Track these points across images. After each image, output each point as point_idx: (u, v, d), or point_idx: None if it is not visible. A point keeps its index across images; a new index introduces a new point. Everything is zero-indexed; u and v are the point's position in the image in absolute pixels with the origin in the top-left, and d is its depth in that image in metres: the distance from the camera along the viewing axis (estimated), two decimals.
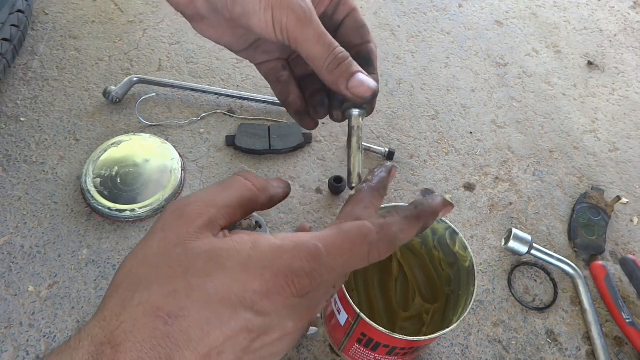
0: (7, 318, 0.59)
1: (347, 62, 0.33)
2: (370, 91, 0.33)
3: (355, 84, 0.32)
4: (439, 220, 0.55)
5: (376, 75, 0.36)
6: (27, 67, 0.85)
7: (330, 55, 0.32)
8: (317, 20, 0.32)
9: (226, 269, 0.25)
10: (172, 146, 0.76)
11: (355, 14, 0.37)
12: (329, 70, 0.33)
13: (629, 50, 1.07)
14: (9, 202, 0.69)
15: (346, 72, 0.32)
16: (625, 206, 0.80)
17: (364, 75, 0.33)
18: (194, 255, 0.25)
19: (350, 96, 0.33)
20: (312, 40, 0.32)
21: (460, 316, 0.48)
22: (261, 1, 0.31)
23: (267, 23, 0.32)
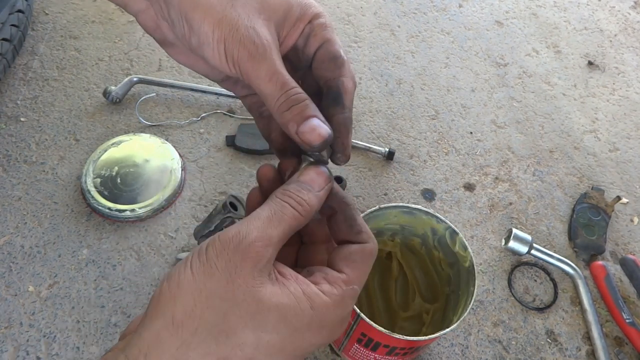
0: (7, 318, 0.59)
1: (301, 104, 0.30)
2: (320, 139, 0.30)
3: (306, 129, 0.29)
4: (439, 220, 0.55)
5: (347, 114, 0.32)
6: (27, 67, 0.85)
7: (282, 96, 0.30)
8: (273, 56, 0.30)
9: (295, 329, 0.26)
10: (172, 146, 0.76)
11: (328, 45, 0.34)
12: (279, 112, 0.30)
13: (629, 50, 1.07)
14: (9, 202, 0.69)
15: (298, 116, 0.30)
16: (625, 206, 0.80)
17: (317, 121, 0.30)
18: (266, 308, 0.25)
19: (299, 141, 0.30)
20: (264, 77, 0.30)
21: (460, 316, 0.48)
22: (214, 33, 0.29)
23: (220, 56, 0.30)
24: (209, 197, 0.73)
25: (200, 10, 0.29)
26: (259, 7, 0.31)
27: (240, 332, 0.24)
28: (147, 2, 0.32)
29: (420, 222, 0.57)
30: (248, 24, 0.30)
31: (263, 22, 0.31)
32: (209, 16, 0.29)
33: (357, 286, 0.28)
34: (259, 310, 0.25)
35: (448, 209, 0.76)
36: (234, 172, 0.76)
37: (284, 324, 0.25)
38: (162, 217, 0.70)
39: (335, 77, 0.33)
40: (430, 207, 0.76)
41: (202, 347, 0.24)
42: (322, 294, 0.27)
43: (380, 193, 0.77)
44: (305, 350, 0.26)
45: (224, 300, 0.24)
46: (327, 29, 0.34)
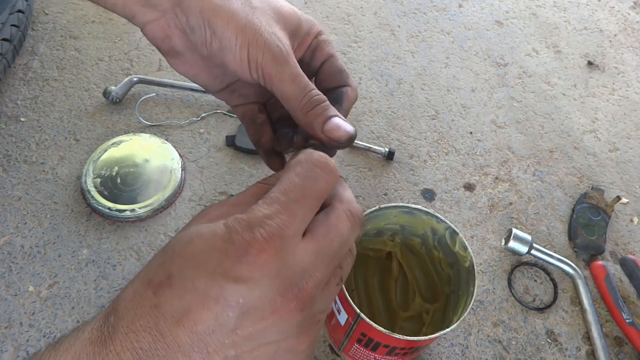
0: (7, 318, 0.60)
1: (323, 104, 0.32)
2: (346, 135, 0.32)
3: (332, 127, 0.32)
4: (439, 220, 0.55)
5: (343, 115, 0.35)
6: (27, 67, 0.85)
7: (305, 97, 0.31)
8: (294, 61, 0.32)
9: (201, 235, 0.25)
10: (172, 146, 0.76)
11: (333, 60, 0.36)
12: (303, 112, 0.32)
13: (629, 50, 1.07)
14: (9, 202, 0.69)
15: (322, 115, 0.32)
16: (625, 206, 0.80)
17: (340, 119, 0.32)
18: (187, 232, 0.26)
19: (325, 139, 0.32)
20: (287, 80, 0.31)
21: (460, 316, 0.48)
22: (237, 38, 0.31)
23: (242, 60, 0.31)
24: (209, 197, 0.73)
25: (223, 16, 0.31)
26: (275, 17, 0.33)
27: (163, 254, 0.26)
28: (158, 12, 0.32)
29: (420, 222, 0.57)
30: (270, 29, 0.31)
31: (281, 30, 0.32)
32: (232, 22, 0.31)
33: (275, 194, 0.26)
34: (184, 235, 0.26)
35: (448, 209, 0.76)
36: (234, 172, 0.76)
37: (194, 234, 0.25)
38: (162, 217, 0.70)
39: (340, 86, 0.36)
40: (430, 207, 0.76)
41: (141, 273, 0.26)
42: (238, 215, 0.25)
43: (380, 193, 0.77)
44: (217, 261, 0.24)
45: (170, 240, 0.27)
46: (330, 45, 0.36)
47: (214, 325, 0.23)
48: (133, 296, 0.24)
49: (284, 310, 0.24)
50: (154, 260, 0.26)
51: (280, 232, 0.24)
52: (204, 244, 0.25)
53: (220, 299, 0.23)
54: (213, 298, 0.23)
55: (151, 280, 0.25)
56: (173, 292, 0.24)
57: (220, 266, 0.24)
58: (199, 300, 0.23)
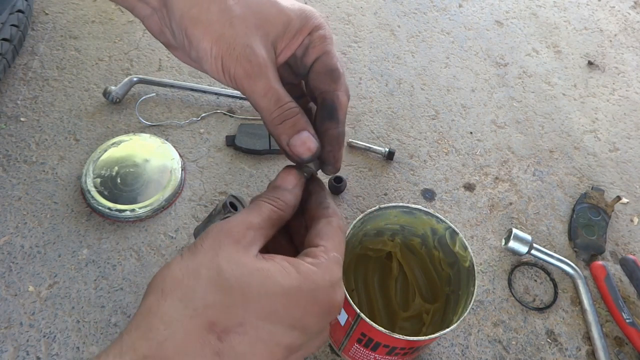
0: (7, 318, 0.60)
1: (293, 118, 0.32)
2: (308, 152, 0.32)
3: (296, 143, 0.32)
4: (439, 220, 0.55)
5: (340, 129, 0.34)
6: (27, 67, 0.85)
7: (276, 110, 0.32)
8: (269, 74, 0.32)
9: (285, 289, 0.26)
10: (172, 146, 0.76)
11: (325, 58, 0.35)
12: (273, 125, 0.32)
13: (629, 50, 1.07)
14: (9, 202, 0.69)
15: (290, 129, 0.32)
16: (625, 206, 0.80)
17: (306, 134, 0.32)
18: (249, 270, 0.26)
19: (289, 153, 0.33)
20: (259, 93, 0.31)
21: (460, 316, 0.48)
22: (212, 49, 0.31)
23: (218, 70, 0.32)
24: (209, 197, 0.73)
25: (200, 26, 0.31)
26: (257, 22, 0.32)
27: (227, 295, 0.24)
28: (150, 8, 0.33)
29: (420, 222, 0.57)
30: (245, 42, 0.31)
31: (260, 39, 0.32)
32: (208, 33, 0.31)
33: (337, 254, 0.29)
34: (244, 274, 0.25)
35: (448, 209, 0.76)
36: (234, 172, 0.76)
37: (271, 285, 0.25)
38: (162, 217, 0.70)
39: (331, 90, 0.35)
40: (430, 207, 0.76)
41: (190, 309, 0.24)
42: (306, 263, 0.28)
43: (380, 193, 0.77)
44: (304, 321, 0.26)
45: (210, 269, 0.25)
46: (326, 41, 0.35)
47: None
48: (187, 341, 0.23)
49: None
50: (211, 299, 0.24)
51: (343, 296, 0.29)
52: (288, 299, 0.26)
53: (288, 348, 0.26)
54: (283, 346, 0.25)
55: (214, 325, 0.23)
56: (242, 342, 0.24)
57: (299, 322, 0.26)
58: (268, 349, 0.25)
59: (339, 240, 0.31)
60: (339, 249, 0.30)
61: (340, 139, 0.35)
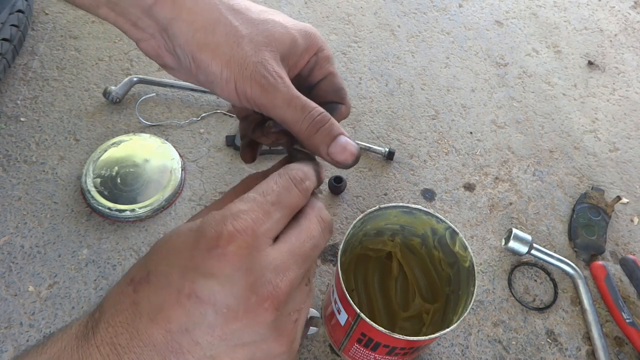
0: (7, 318, 0.59)
1: (327, 125, 0.31)
2: (352, 157, 0.31)
3: (337, 150, 0.31)
4: (439, 220, 0.55)
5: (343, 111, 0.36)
6: (27, 67, 0.85)
7: (306, 119, 0.30)
8: (286, 84, 0.31)
9: (179, 233, 0.26)
10: (172, 146, 0.76)
11: (332, 78, 0.35)
12: (307, 135, 0.31)
13: (629, 50, 1.07)
14: (9, 202, 0.69)
15: (327, 137, 0.31)
16: (625, 206, 0.80)
17: (345, 139, 0.31)
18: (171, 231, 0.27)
19: (330, 162, 0.31)
20: (282, 106, 0.30)
21: (460, 316, 0.48)
22: (222, 72, 0.30)
23: (231, 92, 0.31)
24: (209, 197, 0.73)
25: (207, 50, 0.30)
26: (265, 40, 0.32)
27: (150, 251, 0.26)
28: (147, 34, 0.32)
29: (420, 222, 0.57)
30: (256, 59, 0.30)
31: (270, 54, 0.31)
32: (217, 57, 0.30)
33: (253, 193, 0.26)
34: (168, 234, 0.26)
35: (448, 209, 0.76)
36: (234, 172, 0.76)
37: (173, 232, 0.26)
38: (162, 217, 0.70)
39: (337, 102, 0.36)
40: (430, 207, 0.76)
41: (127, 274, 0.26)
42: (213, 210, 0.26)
43: (380, 193, 0.77)
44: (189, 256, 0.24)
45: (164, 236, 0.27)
46: (330, 62, 0.36)
47: (187, 323, 0.23)
48: (116, 293, 0.25)
49: (258, 309, 0.24)
50: (140, 260, 0.26)
51: (251, 227, 0.24)
52: (179, 239, 0.25)
53: (192, 295, 0.23)
54: (185, 294, 0.23)
55: (133, 278, 0.25)
56: (150, 289, 0.24)
57: (191, 260, 0.24)
58: (173, 297, 0.23)
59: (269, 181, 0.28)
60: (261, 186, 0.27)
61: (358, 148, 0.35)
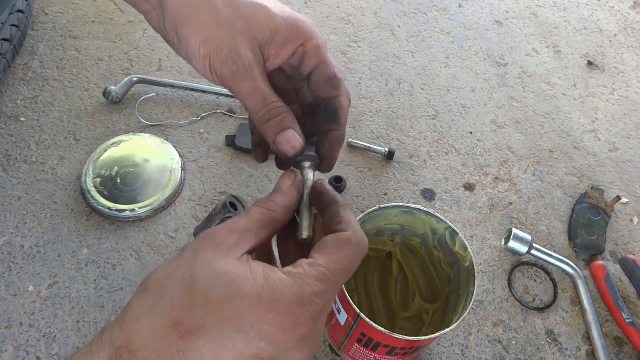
0: (7, 318, 0.60)
1: (279, 117, 0.33)
2: (293, 150, 0.33)
3: (281, 141, 0.33)
4: (439, 220, 0.55)
5: (342, 131, 0.36)
6: (27, 67, 0.85)
7: (263, 109, 0.33)
8: (255, 74, 0.33)
9: (243, 295, 0.25)
10: (172, 146, 0.76)
11: (323, 68, 0.36)
12: (260, 123, 0.33)
13: (629, 50, 1.07)
14: (9, 202, 0.69)
15: (276, 127, 0.33)
16: (625, 206, 0.80)
17: (292, 133, 0.33)
18: (216, 275, 0.26)
19: (276, 150, 0.34)
20: (245, 93, 0.33)
21: (460, 316, 0.48)
22: (200, 48, 0.32)
23: (206, 69, 0.33)
24: (209, 197, 0.73)
25: (190, 26, 0.32)
26: (245, 26, 0.33)
27: (192, 297, 0.25)
28: (150, 5, 0.35)
29: (420, 222, 0.57)
30: (232, 44, 0.32)
31: (247, 42, 0.33)
32: (196, 33, 0.32)
33: (325, 269, 0.27)
34: (211, 277, 0.26)
35: (448, 209, 0.76)
36: (234, 172, 0.76)
37: (232, 288, 0.26)
38: (162, 217, 0.70)
39: (332, 96, 0.36)
40: (430, 207, 0.76)
41: (159, 306, 0.25)
42: (280, 272, 0.27)
43: (380, 193, 0.77)
44: (269, 332, 0.25)
45: (184, 271, 0.26)
46: (320, 51, 0.36)
47: None
48: (154, 336, 0.24)
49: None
50: (177, 298, 0.25)
51: (322, 310, 0.27)
52: (246, 305, 0.25)
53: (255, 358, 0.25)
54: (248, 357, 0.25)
55: (178, 324, 0.24)
56: (204, 343, 0.24)
57: (262, 333, 0.25)
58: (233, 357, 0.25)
59: (339, 257, 0.28)
60: (334, 264, 0.28)
61: (340, 140, 0.37)
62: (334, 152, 0.36)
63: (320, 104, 0.37)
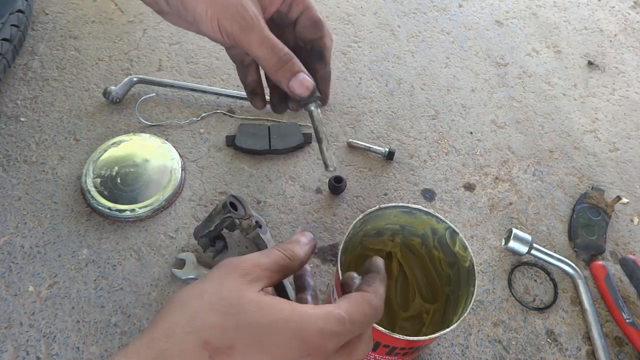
0: (7, 318, 0.60)
1: (289, 63, 0.37)
2: (307, 91, 0.37)
3: (295, 85, 0.37)
4: (439, 220, 0.55)
5: (328, 68, 0.41)
6: (27, 67, 0.85)
7: (273, 57, 0.36)
8: (261, 25, 0.36)
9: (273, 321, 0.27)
10: (172, 146, 0.76)
11: (308, 12, 0.40)
12: (273, 71, 0.37)
13: (629, 50, 1.07)
14: (9, 202, 0.69)
15: (288, 72, 0.37)
16: (625, 206, 0.80)
17: (303, 76, 0.37)
18: (246, 301, 0.28)
19: (290, 94, 0.38)
20: (256, 44, 0.36)
21: (460, 316, 0.48)
22: (207, 11, 0.35)
23: (215, 30, 0.36)
24: (209, 197, 0.73)
25: None
26: None
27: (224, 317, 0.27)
28: None
29: (420, 222, 0.57)
30: (236, 2, 0.36)
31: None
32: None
33: (345, 314, 0.29)
34: (241, 303, 0.28)
35: (448, 209, 0.76)
36: (234, 172, 0.76)
37: (263, 315, 0.27)
38: (162, 217, 0.70)
39: (317, 37, 0.41)
40: (430, 207, 0.76)
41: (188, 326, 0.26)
42: (305, 305, 0.29)
43: (380, 193, 0.77)
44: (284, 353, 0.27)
45: (212, 294, 0.28)
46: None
47: None
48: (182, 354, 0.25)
49: None
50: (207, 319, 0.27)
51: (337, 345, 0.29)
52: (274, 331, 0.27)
53: None
54: None
55: (208, 343, 0.26)
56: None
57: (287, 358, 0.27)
58: None
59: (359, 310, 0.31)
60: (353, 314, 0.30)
61: (328, 77, 0.41)
62: (327, 88, 0.41)
63: (305, 45, 0.41)
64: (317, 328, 0.28)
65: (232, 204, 0.62)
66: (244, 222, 0.62)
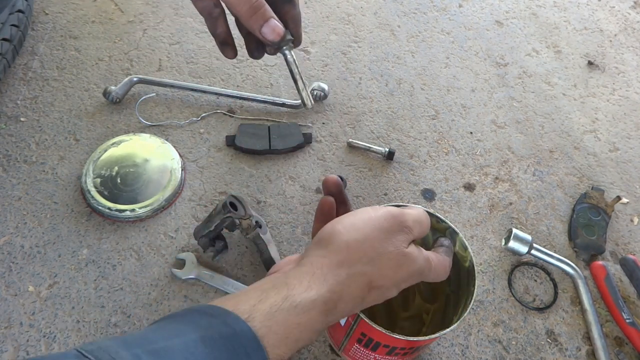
0: (7, 318, 0.60)
1: (261, 10, 0.39)
2: (278, 36, 0.40)
3: (267, 30, 0.40)
4: (439, 220, 0.55)
5: (296, 9, 0.43)
6: (27, 67, 0.85)
7: (246, 4, 0.39)
8: None
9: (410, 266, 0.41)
10: (172, 146, 0.76)
11: None
12: (246, 17, 0.40)
13: (629, 50, 1.07)
14: (9, 202, 0.69)
15: (260, 19, 0.39)
16: (625, 206, 0.80)
17: (274, 22, 0.40)
18: (399, 253, 0.40)
19: (262, 39, 0.41)
20: None
21: (460, 316, 0.48)
22: None
23: None
24: (209, 197, 0.73)
25: None
26: None
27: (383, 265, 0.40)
28: None
29: None
30: None
31: None
32: None
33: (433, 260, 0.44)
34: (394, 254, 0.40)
35: (448, 209, 0.76)
36: (234, 172, 0.76)
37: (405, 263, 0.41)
38: (162, 217, 0.70)
39: None
40: (430, 207, 0.76)
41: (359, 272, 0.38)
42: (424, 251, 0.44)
43: (380, 193, 0.77)
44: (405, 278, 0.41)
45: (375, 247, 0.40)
46: None
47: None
48: (353, 292, 0.38)
49: None
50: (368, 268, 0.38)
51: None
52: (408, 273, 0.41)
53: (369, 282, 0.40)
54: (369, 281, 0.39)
55: (370, 283, 0.39)
56: (375, 292, 0.39)
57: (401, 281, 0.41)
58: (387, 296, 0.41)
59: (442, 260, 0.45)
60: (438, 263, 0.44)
61: (298, 18, 0.44)
62: (298, 28, 0.44)
63: None
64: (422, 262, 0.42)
65: (232, 204, 0.62)
66: (244, 222, 0.62)
